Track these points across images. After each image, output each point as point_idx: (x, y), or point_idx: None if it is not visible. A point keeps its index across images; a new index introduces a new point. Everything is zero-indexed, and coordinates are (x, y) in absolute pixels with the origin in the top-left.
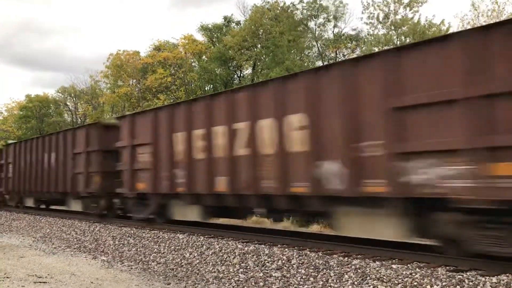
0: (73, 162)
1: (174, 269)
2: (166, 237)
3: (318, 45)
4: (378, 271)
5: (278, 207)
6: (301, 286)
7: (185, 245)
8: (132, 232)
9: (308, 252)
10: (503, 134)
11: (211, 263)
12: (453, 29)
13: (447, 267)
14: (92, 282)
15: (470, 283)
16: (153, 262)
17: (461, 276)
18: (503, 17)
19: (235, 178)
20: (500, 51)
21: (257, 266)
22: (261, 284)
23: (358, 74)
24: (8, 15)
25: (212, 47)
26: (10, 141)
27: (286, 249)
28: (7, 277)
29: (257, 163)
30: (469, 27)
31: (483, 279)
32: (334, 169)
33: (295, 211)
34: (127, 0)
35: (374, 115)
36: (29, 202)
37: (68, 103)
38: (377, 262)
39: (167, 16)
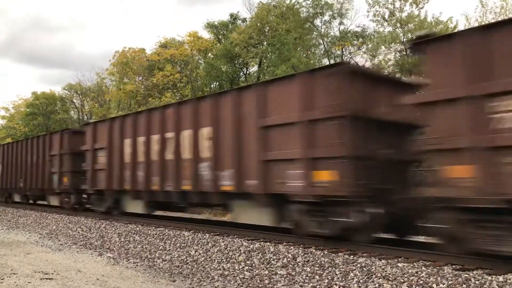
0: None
1: (180, 266)
2: (172, 234)
3: (324, 42)
4: (383, 269)
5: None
6: (306, 284)
7: (190, 242)
8: (138, 229)
9: (314, 250)
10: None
11: (216, 261)
12: (461, 27)
13: (453, 266)
14: (98, 279)
15: (476, 281)
16: (158, 259)
17: (467, 275)
18: None
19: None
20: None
21: (263, 264)
22: (267, 281)
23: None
24: (16, 13)
25: (218, 44)
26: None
27: (292, 247)
28: (14, 273)
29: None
30: (476, 25)
31: (489, 278)
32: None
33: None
34: None
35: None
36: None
37: (75, 100)
38: (383, 261)
39: (175, 13)
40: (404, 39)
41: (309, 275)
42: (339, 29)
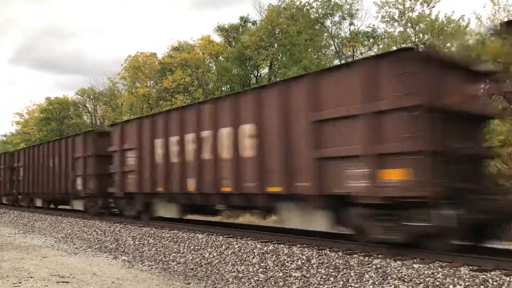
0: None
1: (194, 269)
2: (186, 237)
3: (335, 43)
4: (399, 270)
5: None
6: (321, 286)
7: (204, 245)
8: (152, 232)
9: (328, 252)
10: None
11: (230, 263)
12: (472, 25)
13: (470, 267)
14: (113, 282)
15: (494, 283)
16: (173, 262)
17: (484, 276)
18: None
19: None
20: None
21: (277, 266)
22: (281, 283)
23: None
24: (31, 20)
25: (229, 47)
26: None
27: (306, 249)
28: (31, 277)
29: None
30: (488, 22)
31: (507, 279)
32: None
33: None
34: (147, 3)
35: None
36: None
37: (87, 105)
38: (398, 262)
39: (186, 18)
40: (416, 39)
41: (323, 277)
42: (349, 29)
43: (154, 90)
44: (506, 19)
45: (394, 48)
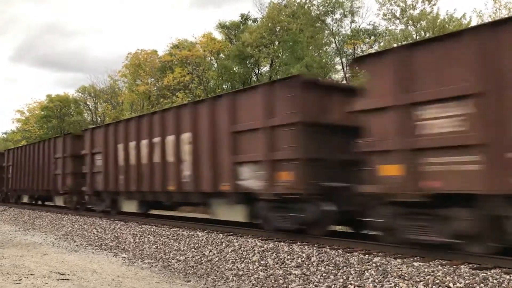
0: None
1: (194, 267)
2: (186, 235)
3: (336, 41)
4: (399, 268)
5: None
6: (321, 284)
7: (204, 242)
8: (152, 229)
9: (328, 250)
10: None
11: (230, 261)
12: (474, 23)
13: (470, 265)
14: (113, 280)
15: (494, 281)
16: (173, 259)
17: (485, 274)
18: None
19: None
20: None
21: (277, 264)
22: (281, 281)
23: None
24: (32, 18)
25: (230, 45)
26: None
27: (306, 247)
28: (31, 274)
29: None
30: (489, 20)
31: (507, 277)
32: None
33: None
34: (147, 2)
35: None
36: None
37: (88, 103)
38: (399, 260)
39: (187, 16)
40: (417, 37)
41: (323, 274)
42: (350, 27)
43: (155, 88)
44: (507, 16)
45: (395, 45)
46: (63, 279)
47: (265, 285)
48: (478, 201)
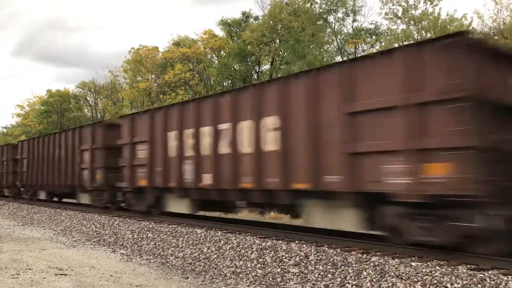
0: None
1: (192, 264)
2: (184, 232)
3: (337, 40)
4: (397, 268)
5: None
6: (319, 283)
7: (203, 239)
8: (151, 226)
9: (326, 249)
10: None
11: (228, 258)
12: (474, 24)
13: (468, 265)
14: (111, 275)
15: (492, 282)
16: (171, 256)
17: (482, 275)
18: None
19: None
20: None
21: (275, 262)
22: (279, 279)
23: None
24: (34, 14)
25: (231, 42)
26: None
27: (304, 245)
28: (30, 269)
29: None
30: (490, 22)
31: (505, 278)
32: None
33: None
34: (148, 1)
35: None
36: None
37: (88, 98)
38: (396, 260)
39: (188, 14)
40: (418, 37)
41: (321, 273)
42: (352, 26)
43: (155, 84)
44: (508, 18)
45: (396, 45)
46: (61, 274)
47: (263, 283)
48: None
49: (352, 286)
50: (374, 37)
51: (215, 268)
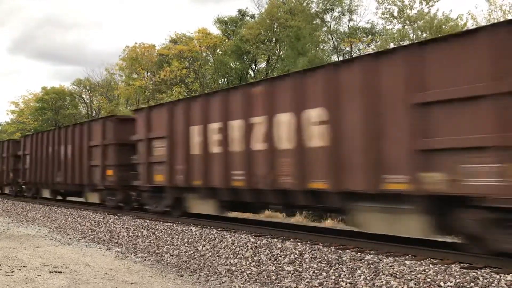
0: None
1: (187, 261)
2: (180, 230)
3: (334, 39)
4: (391, 266)
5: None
6: (313, 281)
7: (198, 237)
8: (146, 224)
9: (321, 247)
10: None
11: (223, 256)
12: (469, 24)
13: (461, 264)
14: (106, 273)
15: (485, 280)
16: (166, 254)
17: (475, 273)
18: None
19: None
20: None
21: (270, 260)
22: (273, 277)
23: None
24: (31, 10)
25: (227, 40)
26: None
27: (299, 244)
28: (24, 266)
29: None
30: (484, 22)
31: (497, 276)
32: None
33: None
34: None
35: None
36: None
37: (84, 96)
38: (390, 258)
39: (187, 12)
40: (414, 37)
41: (316, 271)
42: (348, 25)
43: (151, 82)
44: (501, 19)
45: (392, 45)
46: (56, 272)
47: (257, 280)
48: None
49: (346, 284)
50: (370, 36)
51: (210, 266)
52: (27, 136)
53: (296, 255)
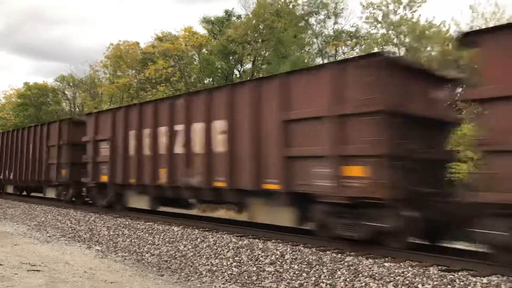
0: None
1: (168, 261)
2: (161, 229)
3: (318, 41)
4: (370, 268)
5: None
6: (293, 281)
7: (179, 237)
8: (127, 223)
9: (302, 248)
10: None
11: (205, 256)
12: (452, 30)
13: (439, 267)
14: (85, 272)
15: (461, 283)
16: (147, 253)
17: (452, 276)
18: (505, 20)
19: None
20: None
21: (251, 261)
22: (254, 278)
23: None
24: (14, 4)
25: (213, 40)
26: None
27: (280, 244)
28: (0, 264)
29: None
30: (467, 28)
31: (474, 279)
32: None
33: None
34: None
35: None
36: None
37: (67, 92)
38: (370, 260)
39: (174, 11)
40: (397, 42)
41: (296, 272)
42: (333, 28)
43: (135, 80)
44: (483, 26)
45: (376, 49)
46: (34, 270)
47: (238, 281)
48: None
49: (326, 285)
50: (354, 40)
51: (191, 266)
52: None
53: (277, 256)
